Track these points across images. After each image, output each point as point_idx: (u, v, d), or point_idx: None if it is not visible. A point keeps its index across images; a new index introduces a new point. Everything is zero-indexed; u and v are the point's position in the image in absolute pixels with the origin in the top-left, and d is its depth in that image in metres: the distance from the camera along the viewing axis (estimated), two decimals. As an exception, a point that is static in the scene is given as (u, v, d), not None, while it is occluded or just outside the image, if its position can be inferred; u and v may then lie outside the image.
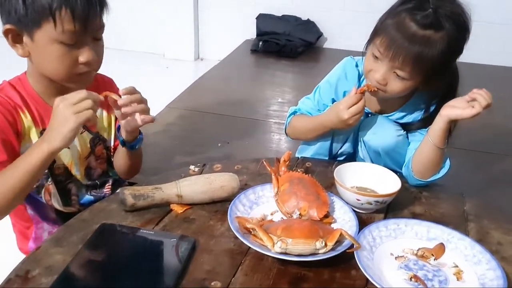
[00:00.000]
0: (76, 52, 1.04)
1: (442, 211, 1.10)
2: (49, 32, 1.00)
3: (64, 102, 0.95)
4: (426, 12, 1.10)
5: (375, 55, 1.18)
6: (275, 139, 2.05)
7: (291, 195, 1.00)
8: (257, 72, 3.05)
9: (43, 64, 1.07)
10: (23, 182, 0.98)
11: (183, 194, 1.02)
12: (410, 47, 1.11)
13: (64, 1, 0.98)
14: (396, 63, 1.14)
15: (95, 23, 1.04)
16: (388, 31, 1.14)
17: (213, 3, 3.54)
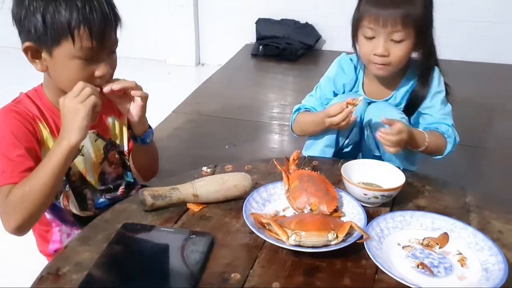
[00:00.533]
0: (92, 66, 1.08)
1: (444, 203, 1.15)
2: (68, 49, 1.04)
3: (68, 98, 1.03)
4: None
5: (367, 36, 1.29)
6: (279, 140, 2.11)
7: (301, 192, 1.05)
8: (259, 75, 3.11)
9: (60, 78, 1.11)
10: (50, 182, 1.03)
11: (198, 194, 1.08)
12: (396, 11, 1.24)
13: (82, 20, 1.02)
14: (389, 29, 1.25)
15: (111, 39, 1.09)
16: (370, 10, 1.26)
17: (212, 9, 3.60)
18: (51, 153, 1.04)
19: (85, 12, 1.03)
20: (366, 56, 1.34)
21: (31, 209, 1.04)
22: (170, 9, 3.53)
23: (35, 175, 1.04)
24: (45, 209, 1.11)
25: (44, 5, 1.03)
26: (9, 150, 1.07)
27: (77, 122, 1.02)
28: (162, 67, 3.60)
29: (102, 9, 1.05)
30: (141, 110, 1.19)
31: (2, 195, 1.04)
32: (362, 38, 1.32)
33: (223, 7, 3.59)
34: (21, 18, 1.06)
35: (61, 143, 1.03)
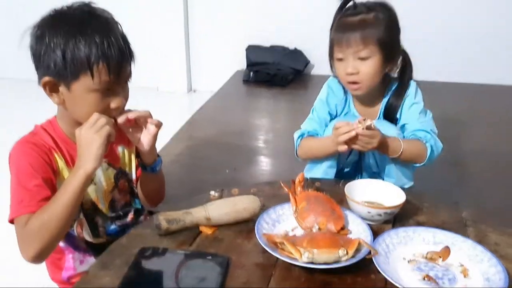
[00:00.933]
0: (108, 99, 1.14)
1: (442, 218, 1.22)
2: (86, 83, 1.09)
3: (84, 128, 1.09)
4: (351, 9, 1.42)
5: (338, 57, 1.43)
6: (276, 163, 2.17)
7: (309, 212, 1.11)
8: (251, 101, 3.19)
9: (77, 110, 1.15)
10: (68, 210, 1.07)
11: (211, 217, 1.13)
12: (356, 31, 1.38)
13: (101, 55, 1.07)
14: (353, 48, 1.39)
15: (126, 72, 1.15)
16: (336, 36, 1.42)
17: (203, 37, 3.70)
18: (68, 182, 1.09)
19: (104, 48, 1.08)
20: (342, 77, 1.46)
21: (50, 237, 1.07)
22: (162, 37, 3.62)
23: (53, 203, 1.07)
24: (62, 236, 1.14)
25: (64, 42, 1.08)
26: (27, 180, 1.11)
27: (93, 151, 1.07)
28: (154, 94, 3.67)
29: (119, 45, 1.11)
30: (152, 139, 1.25)
31: (21, 224, 1.07)
32: (335, 62, 1.45)
33: (214, 35, 3.68)
34: (41, 54, 1.11)
35: (77, 172, 1.08)
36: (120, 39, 1.12)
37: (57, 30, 1.09)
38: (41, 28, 1.11)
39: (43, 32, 1.10)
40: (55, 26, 1.10)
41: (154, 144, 1.27)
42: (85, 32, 1.08)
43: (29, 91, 1.37)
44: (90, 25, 1.09)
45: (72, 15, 1.12)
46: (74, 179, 1.08)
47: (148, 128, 1.23)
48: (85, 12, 1.13)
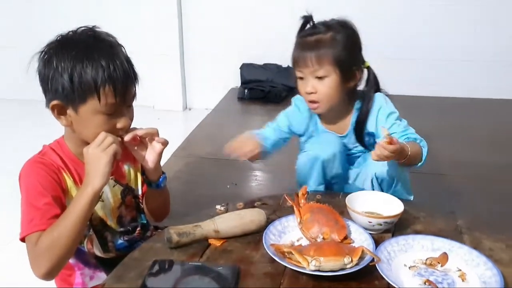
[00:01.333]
0: (114, 120, 1.18)
1: (439, 227, 1.28)
2: (93, 106, 1.14)
3: (91, 147, 1.13)
4: (309, 30, 1.48)
5: (298, 76, 1.48)
6: (275, 178, 2.23)
7: (314, 223, 1.16)
8: (247, 118, 3.26)
9: (84, 132, 1.19)
10: (77, 227, 1.11)
11: (219, 229, 1.18)
12: (312, 51, 1.42)
13: (107, 79, 1.12)
14: (310, 68, 1.43)
15: (131, 94, 1.20)
16: (294, 56, 1.48)
17: (198, 55, 3.78)
18: (76, 200, 1.13)
19: (110, 71, 1.13)
20: (303, 96, 1.51)
21: (60, 254, 1.10)
22: (157, 56, 3.69)
23: (62, 221, 1.11)
24: (72, 253, 1.17)
25: (71, 66, 1.12)
26: (37, 199, 1.14)
27: (100, 168, 1.12)
28: (150, 113, 3.71)
29: (124, 68, 1.16)
30: (157, 157, 1.30)
31: (31, 242, 1.10)
32: (297, 80, 1.50)
33: (208, 54, 3.76)
34: (49, 78, 1.15)
35: (85, 189, 1.12)
36: (124, 62, 1.16)
37: (64, 55, 1.13)
38: (48, 53, 1.16)
39: (51, 57, 1.15)
40: (62, 51, 1.14)
41: (159, 162, 1.32)
42: (91, 56, 1.12)
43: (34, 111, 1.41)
44: (95, 49, 1.14)
45: (77, 40, 1.16)
46: (82, 197, 1.12)
47: (153, 146, 1.28)
48: (90, 36, 1.17)
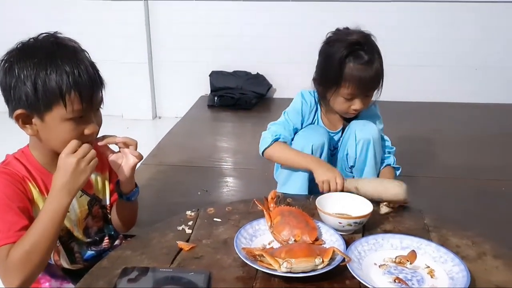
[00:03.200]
0: (82, 126, 1.15)
1: (407, 226, 1.30)
2: (60, 113, 1.10)
3: (72, 156, 1.09)
4: (364, 57, 1.51)
5: (347, 97, 1.54)
6: (246, 184, 2.22)
7: (285, 225, 1.16)
8: (217, 125, 3.25)
9: (51, 140, 1.16)
10: (51, 238, 1.09)
11: (359, 186, 1.38)
12: (372, 81, 1.53)
13: (73, 85, 1.09)
14: (367, 92, 1.56)
15: (98, 99, 1.18)
16: (350, 80, 1.51)
17: (167, 64, 3.75)
18: (50, 210, 1.09)
19: (75, 77, 1.10)
20: (344, 110, 1.58)
21: (34, 267, 1.07)
22: (125, 64, 3.64)
23: (35, 232, 1.07)
24: (45, 265, 1.13)
25: (35, 74, 1.08)
26: (3, 210, 1.10)
27: (80, 182, 1.11)
28: (119, 122, 3.65)
29: (89, 73, 1.13)
30: (131, 170, 1.27)
31: (1, 256, 1.06)
32: (340, 99, 1.55)
33: (177, 62, 3.73)
34: (11, 87, 1.10)
35: (61, 200, 1.09)
36: (89, 66, 1.14)
37: (26, 63, 1.09)
38: (9, 62, 1.11)
39: (11, 65, 1.10)
40: (24, 59, 1.10)
41: (133, 175, 1.30)
42: (55, 63, 1.09)
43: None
44: (58, 55, 1.10)
45: (39, 46, 1.13)
46: (58, 206, 1.09)
47: (128, 159, 1.26)
48: (52, 42, 1.14)
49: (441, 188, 2.17)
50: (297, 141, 1.62)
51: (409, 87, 3.57)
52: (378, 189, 1.37)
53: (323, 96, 1.62)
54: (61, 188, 1.10)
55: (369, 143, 1.58)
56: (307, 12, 3.54)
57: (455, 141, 2.79)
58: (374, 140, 1.59)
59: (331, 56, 1.53)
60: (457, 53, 3.54)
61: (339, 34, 1.56)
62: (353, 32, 1.54)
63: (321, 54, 1.60)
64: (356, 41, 1.51)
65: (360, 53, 1.50)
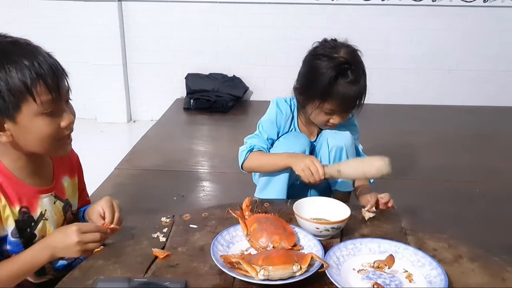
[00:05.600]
0: (57, 119, 1.11)
1: (384, 229, 1.30)
2: (31, 109, 1.06)
3: (80, 237, 1.10)
4: (351, 77, 1.50)
5: (327, 112, 1.54)
6: (222, 187, 2.20)
7: (262, 232, 1.14)
8: (193, 128, 3.21)
9: (29, 139, 1.11)
10: (17, 281, 1.10)
11: (340, 169, 1.39)
12: (355, 100, 1.53)
13: (36, 76, 1.05)
14: (348, 110, 1.56)
15: (65, 87, 1.13)
16: (335, 97, 1.51)
17: (141, 66, 3.69)
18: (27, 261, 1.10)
19: (36, 68, 1.06)
20: (322, 122, 1.59)
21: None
22: (98, 66, 3.57)
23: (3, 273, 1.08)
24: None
25: None
26: None
27: (66, 255, 1.13)
28: (93, 125, 3.58)
29: (49, 62, 1.09)
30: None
31: None
32: (321, 112, 1.55)
33: (152, 64, 3.69)
34: None
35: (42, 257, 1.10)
36: (47, 57, 1.10)
37: None
38: None
39: None
40: None
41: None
42: (12, 60, 1.05)
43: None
44: (14, 52, 1.07)
45: None
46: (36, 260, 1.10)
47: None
48: (9, 43, 1.09)
49: (416, 190, 2.19)
50: (278, 149, 1.61)
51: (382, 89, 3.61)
52: (360, 168, 1.40)
53: (302, 106, 1.61)
54: (48, 247, 1.10)
55: (341, 150, 1.58)
56: (284, 15, 3.54)
57: (428, 143, 2.83)
58: (347, 147, 1.58)
59: (318, 71, 1.52)
60: (431, 56, 3.60)
61: (326, 48, 1.54)
62: (341, 47, 1.52)
63: (306, 65, 1.58)
64: (345, 60, 1.50)
65: (348, 72, 1.50)
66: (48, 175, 1.25)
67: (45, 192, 1.22)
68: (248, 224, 1.19)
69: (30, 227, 1.18)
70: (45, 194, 1.21)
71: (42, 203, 1.20)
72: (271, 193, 1.57)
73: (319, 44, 1.57)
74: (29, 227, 1.18)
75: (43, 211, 1.20)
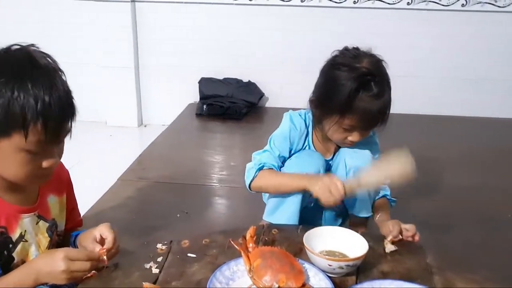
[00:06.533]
0: (40, 159, 1.01)
1: (407, 266, 1.15)
2: (17, 142, 0.96)
3: (68, 265, 1.00)
4: (374, 90, 1.34)
5: (346, 128, 1.39)
6: (231, 205, 2.06)
7: (266, 269, 1.00)
8: (205, 136, 3.09)
9: (2, 167, 1.02)
10: None
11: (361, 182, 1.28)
12: (377, 116, 1.38)
13: (40, 114, 0.94)
14: (369, 127, 1.41)
15: (66, 131, 1.02)
16: (356, 112, 1.36)
17: (154, 69, 3.59)
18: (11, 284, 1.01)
19: (43, 106, 0.94)
20: (340, 140, 1.44)
21: None
22: (110, 68, 3.47)
23: None
24: None
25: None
26: None
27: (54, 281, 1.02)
28: (102, 129, 3.48)
29: (61, 102, 0.98)
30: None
31: None
32: (339, 128, 1.40)
33: (165, 67, 3.58)
34: None
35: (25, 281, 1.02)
36: (63, 94, 0.99)
37: None
38: None
39: None
40: None
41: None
42: (23, 85, 0.94)
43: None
44: (30, 77, 0.95)
45: (9, 62, 0.97)
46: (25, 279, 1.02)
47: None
48: (25, 60, 0.98)
49: (440, 213, 2.00)
50: (289, 169, 1.46)
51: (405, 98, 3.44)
52: (381, 176, 1.29)
53: (319, 121, 1.45)
54: (33, 271, 1.02)
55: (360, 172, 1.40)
56: (303, 18, 3.40)
57: (456, 158, 2.62)
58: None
59: (337, 82, 1.36)
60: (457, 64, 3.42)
61: (346, 57, 1.38)
62: (363, 56, 1.37)
63: (323, 76, 1.43)
64: (368, 71, 1.34)
65: (371, 84, 1.34)
66: (32, 193, 1.14)
67: (27, 212, 1.11)
68: (251, 258, 1.05)
69: (8, 249, 1.07)
70: (26, 214, 1.11)
71: (23, 223, 1.10)
72: (281, 218, 1.43)
73: (339, 53, 1.41)
74: (6, 249, 1.07)
75: (22, 232, 1.09)
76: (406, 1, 3.30)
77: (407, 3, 3.31)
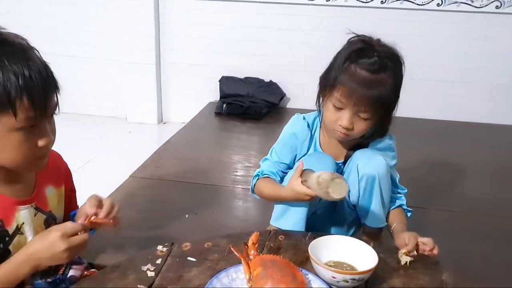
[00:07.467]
0: (35, 137, 0.99)
1: (420, 282, 1.08)
2: (8, 122, 0.95)
3: (68, 242, 0.99)
4: (372, 60, 1.24)
5: (337, 106, 1.28)
6: (243, 207, 2.00)
7: (267, 279, 0.95)
8: (222, 135, 3.04)
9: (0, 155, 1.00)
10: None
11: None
12: (369, 92, 1.24)
13: (23, 89, 0.93)
14: (359, 107, 1.26)
15: (52, 105, 1.01)
16: (345, 83, 1.25)
17: (175, 66, 3.57)
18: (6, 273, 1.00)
19: (25, 79, 0.93)
20: (331, 123, 1.33)
21: None
22: (131, 64, 3.47)
23: None
24: None
25: None
26: None
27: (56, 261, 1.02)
28: (122, 125, 3.49)
29: (42, 74, 0.96)
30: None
31: None
32: (330, 106, 1.31)
33: (186, 64, 3.55)
34: None
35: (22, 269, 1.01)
36: (41, 67, 0.97)
37: None
38: None
39: None
40: None
41: None
42: (1, 63, 0.93)
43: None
44: (5, 55, 0.94)
45: None
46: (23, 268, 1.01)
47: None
48: None
49: (460, 225, 1.88)
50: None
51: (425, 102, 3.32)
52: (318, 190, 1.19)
53: (318, 106, 1.38)
54: (31, 259, 1.01)
55: (374, 180, 1.32)
56: (327, 18, 3.32)
57: (479, 168, 2.48)
58: (380, 177, 1.33)
59: (337, 55, 1.32)
60: (486, 69, 3.27)
61: (362, 37, 1.31)
62: (379, 42, 1.29)
63: None
64: (369, 43, 1.27)
65: (373, 55, 1.24)
66: (29, 184, 1.12)
67: (24, 203, 1.09)
68: (251, 266, 1.00)
69: (4, 242, 1.05)
70: (23, 206, 1.09)
71: (20, 216, 1.07)
72: (287, 223, 1.36)
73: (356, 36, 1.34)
74: (3, 242, 1.05)
75: (19, 225, 1.07)
76: (436, 2, 3.18)
77: (437, 4, 3.19)
